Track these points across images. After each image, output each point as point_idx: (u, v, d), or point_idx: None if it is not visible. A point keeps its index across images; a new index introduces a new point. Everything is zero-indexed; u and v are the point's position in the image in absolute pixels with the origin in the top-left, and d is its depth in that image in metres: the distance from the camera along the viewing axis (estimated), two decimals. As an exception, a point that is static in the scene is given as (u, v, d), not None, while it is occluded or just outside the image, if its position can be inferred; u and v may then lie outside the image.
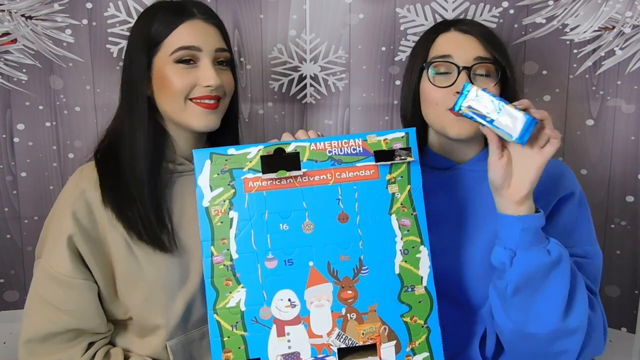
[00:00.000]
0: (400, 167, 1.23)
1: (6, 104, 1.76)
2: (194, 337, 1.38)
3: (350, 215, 1.21)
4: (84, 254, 1.32)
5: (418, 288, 1.22)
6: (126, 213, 1.32)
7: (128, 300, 1.36)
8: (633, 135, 1.70)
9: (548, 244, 1.19)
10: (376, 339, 1.20)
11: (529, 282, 1.18)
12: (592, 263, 1.34)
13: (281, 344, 1.18)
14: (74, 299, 1.32)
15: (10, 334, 1.83)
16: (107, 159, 1.38)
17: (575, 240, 1.34)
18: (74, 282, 1.31)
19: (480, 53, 1.36)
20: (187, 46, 1.32)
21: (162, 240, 1.33)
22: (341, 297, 1.19)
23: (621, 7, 1.65)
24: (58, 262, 1.31)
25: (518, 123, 1.15)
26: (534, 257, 1.18)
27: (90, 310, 1.33)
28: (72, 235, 1.30)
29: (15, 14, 1.71)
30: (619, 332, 1.78)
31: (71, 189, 1.36)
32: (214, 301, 1.18)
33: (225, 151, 1.21)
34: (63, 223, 1.32)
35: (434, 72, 1.38)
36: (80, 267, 1.32)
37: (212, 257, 1.19)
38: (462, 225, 1.39)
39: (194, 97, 1.34)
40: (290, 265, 1.19)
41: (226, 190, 1.20)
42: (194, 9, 1.36)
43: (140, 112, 1.35)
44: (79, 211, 1.32)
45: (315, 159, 1.21)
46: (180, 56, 1.32)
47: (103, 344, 1.38)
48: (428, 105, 1.40)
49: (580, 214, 1.38)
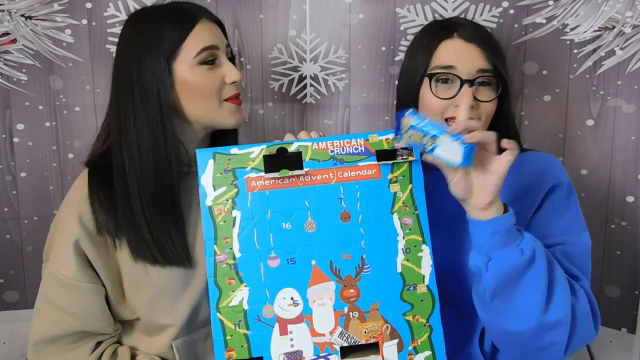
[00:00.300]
0: (402, 167, 1.23)
1: (6, 104, 1.76)
2: (199, 336, 1.39)
3: (352, 214, 1.21)
4: (90, 257, 1.32)
5: (420, 287, 1.22)
6: (135, 240, 1.32)
7: (134, 301, 1.36)
8: (633, 135, 1.70)
9: (522, 241, 1.19)
10: (378, 338, 1.20)
11: (506, 284, 1.19)
12: (580, 250, 1.34)
13: (284, 343, 1.18)
14: (80, 301, 1.32)
15: (10, 334, 1.82)
16: (105, 179, 1.34)
17: (562, 229, 1.35)
18: (80, 285, 1.31)
19: (483, 65, 1.36)
20: (208, 46, 1.32)
21: (180, 260, 1.34)
22: (343, 295, 1.19)
23: (621, 7, 1.66)
24: (64, 265, 1.31)
25: (457, 152, 1.14)
26: (507, 258, 1.18)
27: (96, 313, 1.34)
28: (78, 240, 1.31)
29: (15, 14, 1.71)
30: (619, 332, 1.78)
31: (76, 192, 1.35)
32: (216, 300, 1.18)
33: (228, 151, 1.21)
34: (69, 227, 1.32)
35: (436, 82, 1.38)
36: (87, 270, 1.32)
37: (215, 256, 1.19)
38: (458, 224, 1.39)
39: (227, 98, 1.36)
40: (292, 264, 1.19)
41: (229, 190, 1.20)
42: (197, 11, 1.36)
43: (169, 124, 1.32)
44: (85, 215, 1.32)
45: (318, 159, 1.21)
46: (205, 57, 1.32)
47: (110, 343, 1.38)
48: (427, 114, 1.39)
49: (568, 202, 1.38)
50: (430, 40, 1.43)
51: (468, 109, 1.26)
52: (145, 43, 1.32)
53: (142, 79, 1.31)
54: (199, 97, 1.34)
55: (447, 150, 1.15)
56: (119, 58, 1.36)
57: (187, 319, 1.35)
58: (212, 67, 1.34)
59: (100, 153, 1.40)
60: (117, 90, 1.36)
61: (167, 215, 1.33)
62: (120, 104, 1.34)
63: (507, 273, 1.18)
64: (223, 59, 1.36)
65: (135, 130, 1.31)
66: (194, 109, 1.35)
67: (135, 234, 1.31)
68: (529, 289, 1.19)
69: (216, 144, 1.48)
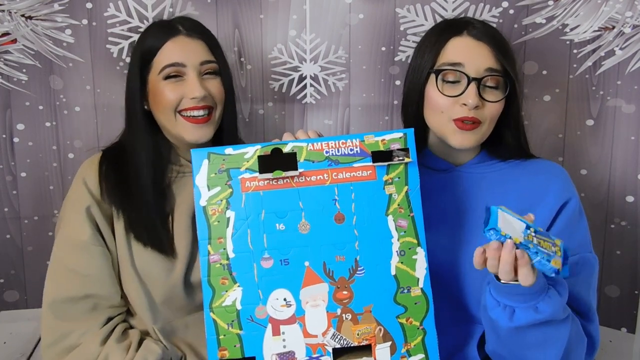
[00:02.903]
0: (398, 168, 1.23)
1: (6, 104, 1.76)
2: (177, 325, 1.45)
3: (347, 215, 1.21)
4: (100, 224, 1.40)
5: (414, 289, 1.21)
6: (130, 215, 1.41)
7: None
8: (633, 135, 1.70)
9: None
10: (371, 340, 1.20)
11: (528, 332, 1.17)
12: (590, 271, 1.33)
13: (276, 343, 1.19)
14: (94, 264, 1.40)
15: (11, 333, 1.83)
16: (113, 163, 1.46)
17: (574, 247, 1.31)
18: (93, 248, 1.39)
19: (492, 64, 1.34)
20: (171, 63, 1.39)
21: (163, 245, 1.41)
22: (337, 297, 1.20)
23: (621, 7, 1.65)
24: (79, 230, 1.39)
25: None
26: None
27: (106, 277, 1.41)
28: (89, 206, 1.40)
29: (15, 14, 1.71)
30: (619, 332, 1.78)
31: (84, 168, 1.46)
32: (210, 299, 1.19)
33: (222, 151, 1.21)
34: (80, 196, 1.42)
35: (442, 80, 1.36)
36: (97, 235, 1.40)
37: (208, 256, 1.20)
38: (460, 225, 1.39)
39: (182, 110, 1.40)
40: (286, 265, 1.19)
41: (223, 190, 1.21)
42: (179, 26, 1.43)
43: (139, 125, 1.44)
44: (92, 184, 1.42)
45: (313, 160, 1.21)
46: (167, 73, 1.40)
47: (121, 320, 1.44)
48: (432, 112, 1.39)
49: (580, 219, 1.37)
50: (439, 37, 1.40)
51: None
52: (135, 51, 1.46)
53: (129, 85, 1.46)
54: (160, 108, 1.42)
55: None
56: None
57: (158, 307, 1.42)
58: (176, 82, 1.40)
59: (116, 143, 1.51)
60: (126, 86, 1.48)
61: (160, 202, 1.43)
62: (125, 100, 1.48)
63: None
64: (190, 76, 1.40)
65: (134, 127, 1.45)
66: (160, 119, 1.45)
67: (132, 208, 1.41)
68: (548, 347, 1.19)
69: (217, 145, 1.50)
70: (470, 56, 1.35)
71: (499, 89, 1.36)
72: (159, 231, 1.41)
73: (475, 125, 1.34)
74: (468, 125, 1.33)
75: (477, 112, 1.33)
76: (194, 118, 1.40)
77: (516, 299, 1.14)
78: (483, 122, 1.35)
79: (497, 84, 1.35)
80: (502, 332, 1.19)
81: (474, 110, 1.32)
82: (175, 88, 1.39)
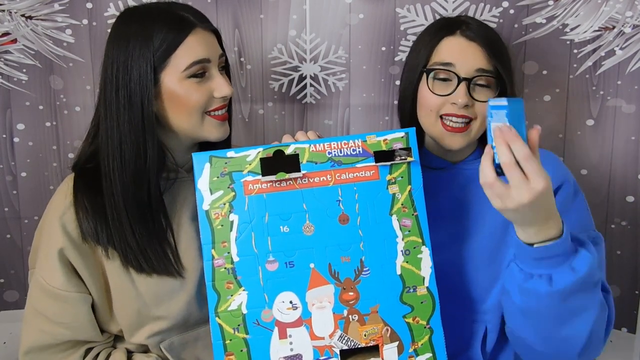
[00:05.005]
0: (401, 168, 1.23)
1: (6, 104, 1.76)
2: (187, 338, 1.36)
3: (351, 216, 1.21)
4: (76, 266, 1.29)
5: (420, 289, 1.22)
6: (125, 250, 1.29)
7: (120, 313, 1.34)
8: (633, 135, 1.70)
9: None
10: (378, 340, 1.20)
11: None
12: (598, 248, 1.31)
13: (283, 347, 1.19)
14: (69, 311, 1.30)
15: (10, 333, 1.83)
16: (92, 194, 1.31)
17: (573, 229, 1.32)
18: (67, 295, 1.29)
19: (483, 65, 1.35)
20: (199, 60, 1.27)
21: (169, 268, 1.31)
22: (343, 298, 1.20)
23: (621, 7, 1.65)
24: (51, 275, 1.29)
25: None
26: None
27: (85, 322, 1.32)
28: (63, 249, 1.28)
29: (15, 14, 1.71)
30: (619, 332, 1.78)
31: (60, 199, 1.33)
32: (215, 304, 1.19)
33: (224, 154, 1.21)
34: (53, 236, 1.30)
35: (433, 78, 1.37)
36: (73, 280, 1.30)
37: (212, 261, 1.19)
38: (460, 222, 1.40)
39: (210, 110, 1.31)
40: (291, 267, 1.19)
41: (226, 193, 1.20)
42: (193, 18, 1.29)
43: (150, 134, 1.27)
44: (68, 224, 1.30)
45: (315, 161, 1.21)
46: (195, 71, 1.27)
47: (104, 347, 1.37)
48: (422, 110, 1.40)
49: (575, 201, 1.38)
50: (432, 37, 1.42)
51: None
52: (135, 44, 1.25)
53: (128, 84, 1.26)
54: (184, 110, 1.29)
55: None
56: (107, 55, 1.29)
57: (176, 323, 1.33)
58: (201, 81, 1.29)
59: (88, 155, 1.35)
60: (104, 89, 1.29)
61: (152, 225, 1.30)
62: (106, 105, 1.29)
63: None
64: (214, 72, 1.31)
65: (119, 135, 1.27)
66: (178, 121, 1.31)
67: (122, 241, 1.28)
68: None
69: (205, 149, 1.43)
70: (462, 56, 1.36)
71: (490, 87, 1.37)
72: (160, 257, 1.30)
73: (465, 127, 1.36)
74: (458, 127, 1.35)
75: (467, 109, 1.34)
76: (220, 115, 1.32)
77: (550, 263, 1.12)
78: (474, 121, 1.36)
79: (488, 83, 1.36)
80: (542, 301, 1.15)
81: (463, 108, 1.33)
82: (200, 87, 1.28)
